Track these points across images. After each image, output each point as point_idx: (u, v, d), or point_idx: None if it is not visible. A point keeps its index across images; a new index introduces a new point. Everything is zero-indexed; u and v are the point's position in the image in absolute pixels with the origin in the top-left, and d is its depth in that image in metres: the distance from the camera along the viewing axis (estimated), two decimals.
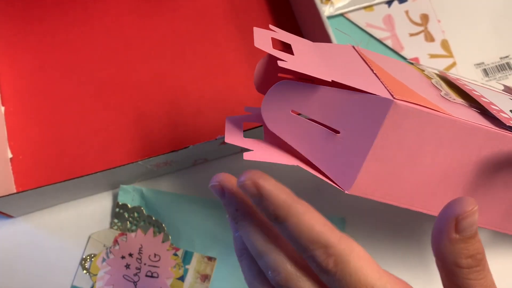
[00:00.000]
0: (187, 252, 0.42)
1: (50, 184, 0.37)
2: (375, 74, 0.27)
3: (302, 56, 0.26)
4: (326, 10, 0.51)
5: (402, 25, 0.51)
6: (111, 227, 0.42)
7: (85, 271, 0.41)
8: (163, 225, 0.42)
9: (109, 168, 0.38)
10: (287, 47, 0.28)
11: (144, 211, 0.43)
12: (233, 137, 0.28)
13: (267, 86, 0.28)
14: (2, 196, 0.37)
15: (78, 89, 0.46)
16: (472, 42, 0.51)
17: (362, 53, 0.30)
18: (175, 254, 0.42)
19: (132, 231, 0.42)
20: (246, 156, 0.26)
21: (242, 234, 0.25)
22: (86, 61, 0.47)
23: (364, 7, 0.52)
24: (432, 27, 0.51)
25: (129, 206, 0.43)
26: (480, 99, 0.28)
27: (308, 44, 0.30)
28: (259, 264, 0.25)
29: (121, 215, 0.43)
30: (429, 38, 0.51)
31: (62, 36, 0.48)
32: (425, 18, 0.52)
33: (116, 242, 0.42)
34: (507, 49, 0.51)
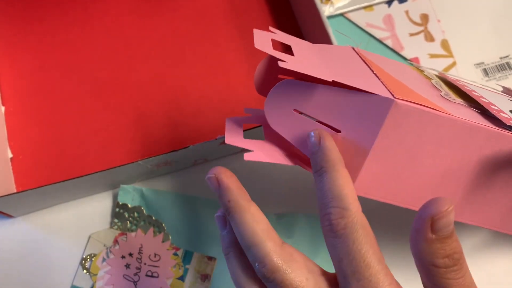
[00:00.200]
0: (187, 252, 0.42)
1: (50, 184, 0.37)
2: (375, 75, 0.27)
3: (302, 57, 0.26)
4: (326, 10, 0.51)
5: (402, 25, 0.51)
6: (111, 227, 0.42)
7: (85, 271, 0.41)
8: (163, 225, 0.42)
9: (109, 168, 0.38)
10: (287, 49, 0.28)
11: (144, 211, 0.43)
12: (234, 138, 0.29)
13: (268, 88, 0.28)
14: (2, 196, 0.37)
15: (78, 89, 0.46)
16: (472, 42, 0.51)
17: (362, 54, 0.30)
18: (175, 254, 0.42)
19: (132, 231, 0.42)
20: (247, 157, 0.26)
21: (233, 226, 0.26)
22: (86, 61, 0.47)
23: (364, 7, 0.52)
24: (432, 27, 0.51)
25: (129, 206, 0.43)
26: (480, 100, 0.28)
27: (308, 46, 0.30)
28: (248, 257, 0.26)
29: (121, 215, 0.43)
30: (429, 38, 0.51)
31: (62, 36, 0.48)
32: (425, 18, 0.52)
33: (116, 242, 0.42)
34: (507, 49, 0.51)
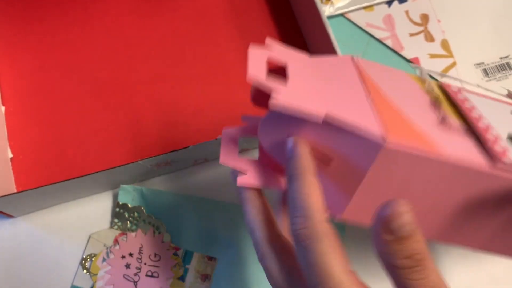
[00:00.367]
0: (187, 252, 0.42)
1: (50, 184, 0.37)
2: (371, 100, 0.26)
3: (296, 83, 0.26)
4: (326, 10, 0.51)
5: (402, 25, 0.51)
6: (111, 227, 0.42)
7: (85, 271, 0.41)
8: (163, 225, 0.42)
9: (109, 168, 0.38)
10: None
11: (144, 211, 0.43)
12: (228, 157, 0.29)
13: (264, 99, 0.28)
14: (2, 196, 0.37)
15: (78, 89, 0.46)
16: (472, 42, 0.51)
17: (361, 67, 0.30)
18: (175, 254, 0.42)
19: (132, 231, 0.42)
20: (240, 182, 0.28)
21: (243, 210, 0.28)
22: (86, 61, 0.47)
23: (364, 7, 0.52)
24: (432, 27, 0.51)
25: (129, 206, 0.43)
26: (478, 124, 0.27)
27: (305, 62, 0.29)
28: (251, 239, 0.28)
29: (121, 215, 0.43)
30: (429, 38, 0.51)
31: (62, 36, 0.48)
32: (425, 18, 0.52)
33: (116, 242, 0.42)
34: (507, 49, 0.51)
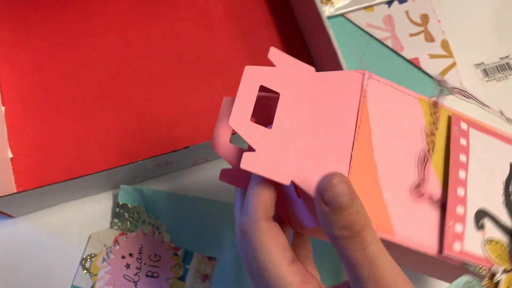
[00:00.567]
0: (187, 252, 0.42)
1: (50, 184, 0.37)
2: (352, 152, 0.26)
3: (275, 136, 0.25)
4: (326, 10, 0.51)
5: (402, 25, 0.51)
6: (111, 227, 0.42)
7: (86, 271, 0.41)
8: (163, 225, 0.42)
9: (109, 168, 0.38)
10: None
11: (144, 211, 0.43)
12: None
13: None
14: (2, 196, 0.37)
15: (78, 89, 0.46)
16: (472, 42, 0.51)
17: (364, 95, 0.28)
18: (175, 254, 0.42)
19: (132, 231, 0.42)
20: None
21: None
22: (86, 61, 0.47)
23: (364, 7, 0.52)
24: (432, 27, 0.51)
25: (130, 206, 0.43)
26: (452, 191, 0.27)
27: (302, 87, 0.27)
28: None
29: (121, 215, 0.43)
30: (429, 38, 0.51)
31: (62, 36, 0.48)
32: (425, 18, 0.52)
33: (116, 242, 0.42)
34: (507, 49, 0.51)
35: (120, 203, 0.43)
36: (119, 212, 0.43)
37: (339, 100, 0.27)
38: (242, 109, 0.25)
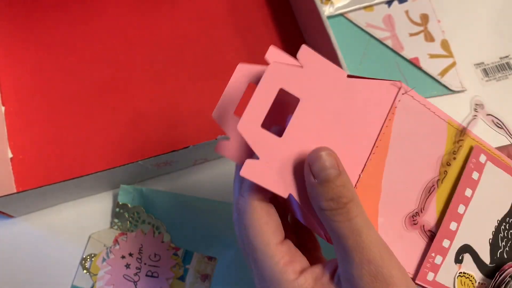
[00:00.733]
0: (187, 252, 0.42)
1: (50, 184, 0.37)
2: (362, 170, 0.26)
3: (287, 144, 0.25)
4: (326, 10, 0.51)
5: (402, 25, 0.51)
6: (111, 227, 0.42)
7: (86, 271, 0.41)
8: (163, 225, 0.42)
9: (109, 168, 0.38)
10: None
11: (144, 211, 0.43)
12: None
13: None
14: (2, 196, 0.37)
15: (78, 89, 0.46)
16: (472, 42, 0.51)
17: (393, 111, 0.26)
18: (175, 254, 0.42)
19: (132, 231, 0.42)
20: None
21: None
22: (86, 61, 0.47)
23: (364, 7, 0.52)
24: (432, 27, 0.51)
25: (129, 206, 0.43)
26: (444, 224, 0.27)
27: (329, 92, 0.25)
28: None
29: (121, 215, 0.43)
30: (429, 38, 0.51)
31: (62, 36, 0.48)
32: (425, 18, 0.52)
33: (116, 242, 0.42)
34: (507, 49, 0.51)
35: (120, 203, 0.43)
36: (119, 212, 0.43)
37: (365, 113, 0.26)
38: (255, 114, 0.24)
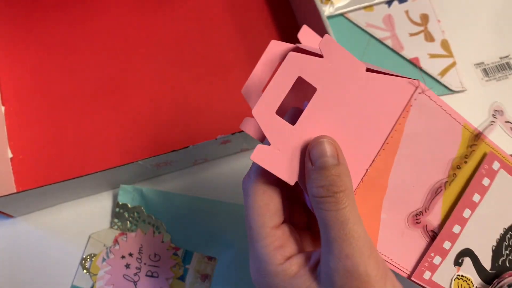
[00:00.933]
0: (187, 252, 0.42)
1: (50, 184, 0.37)
2: (370, 165, 0.26)
3: (299, 132, 0.25)
4: (326, 10, 0.51)
5: (402, 25, 0.51)
6: (111, 227, 0.42)
7: (85, 271, 0.41)
8: (163, 225, 0.42)
9: (109, 168, 0.38)
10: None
11: (144, 211, 0.43)
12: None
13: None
14: (2, 196, 0.37)
15: (78, 89, 0.46)
16: (472, 42, 0.51)
17: (408, 110, 0.26)
18: (175, 254, 0.42)
19: (132, 231, 0.42)
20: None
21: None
22: (86, 61, 0.47)
23: (364, 7, 0.52)
24: (432, 27, 0.51)
25: (129, 206, 0.43)
26: (449, 228, 0.27)
27: (346, 84, 0.25)
28: None
29: (121, 215, 0.43)
30: (429, 38, 0.51)
31: (62, 36, 0.48)
32: (425, 18, 0.52)
33: (116, 242, 0.42)
34: (507, 49, 0.51)
35: (120, 203, 0.43)
36: (119, 212, 0.43)
37: (379, 109, 0.26)
38: (270, 101, 0.24)
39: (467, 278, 0.28)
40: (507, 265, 0.29)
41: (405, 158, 0.26)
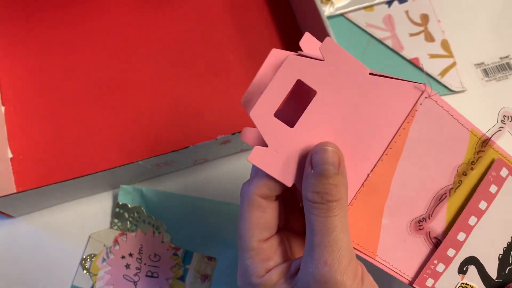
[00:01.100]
0: (187, 252, 0.42)
1: (50, 184, 0.37)
2: (371, 170, 0.26)
3: (297, 135, 0.25)
4: (326, 10, 0.51)
5: (402, 25, 0.51)
6: (111, 227, 0.42)
7: (85, 271, 0.41)
8: (163, 225, 0.42)
9: (109, 168, 0.38)
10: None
11: (144, 211, 0.43)
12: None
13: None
14: (2, 196, 0.37)
15: (78, 89, 0.46)
16: (472, 42, 0.51)
17: (413, 114, 0.25)
18: (175, 254, 0.42)
19: (132, 231, 0.42)
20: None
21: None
22: (86, 61, 0.47)
23: (364, 7, 0.52)
24: (432, 27, 0.51)
25: (129, 206, 0.43)
26: (453, 235, 0.27)
27: (345, 90, 0.24)
28: None
29: (121, 215, 0.43)
30: (429, 38, 0.51)
31: (62, 36, 0.48)
32: (425, 18, 0.52)
33: (116, 242, 0.42)
34: (507, 49, 0.51)
35: (120, 203, 0.43)
36: (119, 212, 0.43)
37: (382, 113, 0.25)
38: (268, 103, 0.24)
39: (472, 287, 0.28)
40: None
41: (409, 164, 0.26)
